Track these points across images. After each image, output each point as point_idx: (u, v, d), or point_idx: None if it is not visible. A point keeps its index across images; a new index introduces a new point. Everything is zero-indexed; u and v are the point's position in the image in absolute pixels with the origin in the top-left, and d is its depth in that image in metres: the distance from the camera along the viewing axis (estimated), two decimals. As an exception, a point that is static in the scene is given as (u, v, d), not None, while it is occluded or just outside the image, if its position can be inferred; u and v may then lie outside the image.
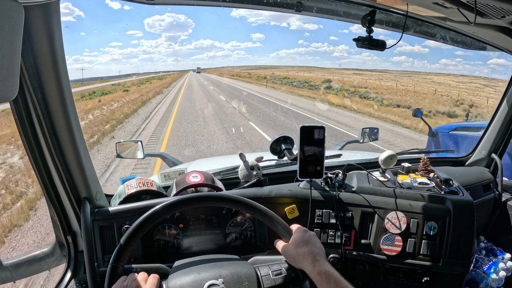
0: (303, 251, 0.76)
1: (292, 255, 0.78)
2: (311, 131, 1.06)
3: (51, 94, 0.90)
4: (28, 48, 0.82)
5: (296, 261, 0.77)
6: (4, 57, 0.56)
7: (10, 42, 0.57)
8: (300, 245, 0.78)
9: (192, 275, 0.74)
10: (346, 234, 1.12)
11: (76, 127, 0.99)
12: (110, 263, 0.74)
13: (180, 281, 0.73)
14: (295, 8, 1.15)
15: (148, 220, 0.77)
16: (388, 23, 1.22)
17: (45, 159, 1.00)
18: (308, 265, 0.74)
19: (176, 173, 1.26)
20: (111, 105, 17.73)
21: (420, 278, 1.13)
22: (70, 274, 1.10)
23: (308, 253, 0.76)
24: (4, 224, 3.98)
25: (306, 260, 0.75)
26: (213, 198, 0.85)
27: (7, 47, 0.56)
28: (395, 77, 42.61)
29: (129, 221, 1.05)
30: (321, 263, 0.74)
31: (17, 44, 0.60)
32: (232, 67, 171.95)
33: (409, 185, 1.20)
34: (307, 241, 0.79)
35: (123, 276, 0.74)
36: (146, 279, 0.73)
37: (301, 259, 0.76)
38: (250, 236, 1.16)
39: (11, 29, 0.57)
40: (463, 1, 0.85)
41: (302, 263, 0.76)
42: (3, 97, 0.58)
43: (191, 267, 0.78)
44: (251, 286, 0.73)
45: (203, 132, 9.25)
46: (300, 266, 0.77)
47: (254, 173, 1.23)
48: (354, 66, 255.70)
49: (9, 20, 0.56)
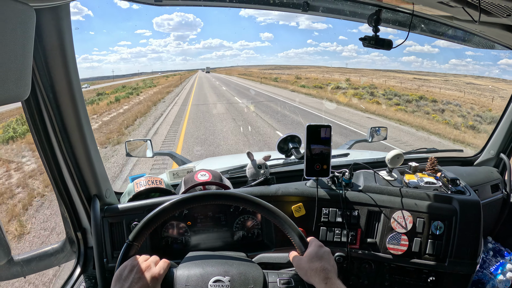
0: (315, 266, 0.76)
1: (304, 269, 0.78)
2: (318, 129, 1.09)
3: (62, 93, 0.95)
4: (40, 49, 0.86)
5: (308, 275, 0.77)
6: (16, 59, 0.59)
7: (22, 45, 0.60)
8: (314, 260, 0.78)
9: (200, 268, 0.78)
10: (352, 233, 1.15)
11: (86, 126, 1.03)
12: (127, 241, 0.77)
13: (188, 271, 0.77)
14: (302, 8, 1.18)
15: (157, 217, 0.80)
16: (394, 22, 1.24)
17: (56, 157, 1.04)
18: (319, 282, 0.74)
19: (184, 171, 1.30)
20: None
21: (425, 277, 1.15)
22: (79, 270, 1.15)
23: (321, 269, 0.75)
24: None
25: (318, 276, 0.75)
26: (224, 196, 0.86)
27: (19, 49, 0.59)
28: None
29: (138, 218, 1.09)
30: (332, 281, 0.74)
31: (29, 46, 0.63)
32: (245, 66, 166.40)
33: (416, 184, 1.23)
34: (321, 256, 0.79)
35: (136, 255, 0.78)
36: (157, 262, 0.77)
37: (313, 274, 0.76)
38: (257, 234, 1.19)
39: (23, 32, 0.60)
40: (468, 0, 0.87)
41: (313, 279, 0.76)
42: (16, 97, 0.61)
43: (201, 260, 0.82)
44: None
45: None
46: (311, 281, 0.77)
47: (261, 172, 1.27)
48: (362, 66, 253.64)
49: (21, 24, 0.59)
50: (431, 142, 9.90)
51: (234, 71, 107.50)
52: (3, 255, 0.98)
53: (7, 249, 0.94)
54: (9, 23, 0.56)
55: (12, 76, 0.59)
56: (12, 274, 1.11)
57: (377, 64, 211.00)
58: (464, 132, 12.29)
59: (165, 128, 10.87)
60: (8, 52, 0.57)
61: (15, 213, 4.48)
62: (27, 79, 0.64)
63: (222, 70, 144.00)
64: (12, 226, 4.07)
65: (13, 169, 6.47)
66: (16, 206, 4.73)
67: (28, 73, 0.64)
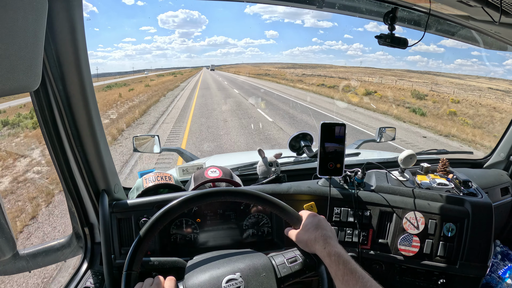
0: (314, 235, 0.79)
1: (304, 240, 0.82)
2: (332, 128, 1.10)
3: (73, 85, 0.94)
4: (51, 39, 0.85)
5: (309, 245, 0.81)
6: (27, 47, 0.58)
7: (34, 33, 0.59)
8: (311, 230, 0.81)
9: (208, 272, 0.77)
10: (364, 233, 1.16)
11: (96, 119, 1.02)
12: (124, 271, 0.75)
13: (197, 279, 0.76)
14: (317, 5, 1.19)
15: (165, 216, 0.80)
16: (410, 21, 1.25)
17: (65, 150, 1.04)
18: (319, 248, 0.77)
19: (194, 167, 1.31)
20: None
21: (436, 280, 1.16)
22: (86, 265, 1.15)
23: (319, 237, 0.78)
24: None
25: (317, 243, 0.78)
26: (220, 193, 0.86)
27: (30, 37, 0.58)
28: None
29: (147, 214, 1.09)
30: (331, 245, 0.76)
31: (40, 34, 0.61)
32: (254, 64, 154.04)
33: (428, 185, 1.24)
34: (317, 225, 0.82)
35: (139, 282, 0.75)
36: (162, 283, 0.75)
37: (313, 243, 0.79)
38: (267, 233, 1.20)
39: (35, 20, 0.59)
40: (488, 0, 0.88)
41: (314, 247, 0.79)
42: (25, 87, 0.60)
43: (205, 264, 0.81)
44: (268, 276, 0.77)
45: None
46: (313, 250, 0.80)
47: (272, 169, 1.27)
48: (367, 64, 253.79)
49: (33, 10, 0.58)
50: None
51: (242, 69, 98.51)
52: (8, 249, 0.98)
53: (12, 243, 0.94)
54: (21, 9, 0.56)
55: (23, 65, 0.58)
56: (17, 268, 1.12)
57: (382, 63, 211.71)
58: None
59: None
60: (19, 40, 0.56)
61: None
62: (38, 69, 0.63)
63: (228, 67, 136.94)
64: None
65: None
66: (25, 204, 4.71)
67: (39, 62, 0.63)
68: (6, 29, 0.53)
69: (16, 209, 4.43)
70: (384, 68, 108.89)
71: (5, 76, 0.55)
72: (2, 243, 0.67)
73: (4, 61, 0.55)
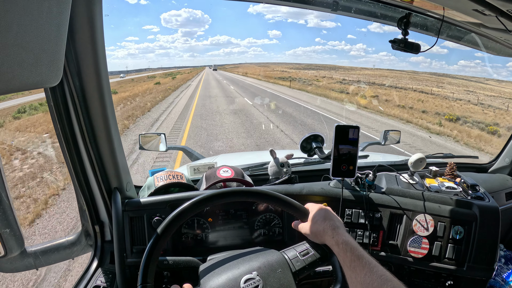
0: (323, 226, 0.83)
1: (313, 232, 0.85)
2: (346, 130, 1.12)
3: (90, 82, 0.94)
4: (69, 34, 0.84)
5: (318, 236, 0.84)
6: (50, 41, 0.57)
7: (57, 26, 0.59)
8: (319, 221, 0.84)
9: (225, 275, 0.78)
10: (374, 235, 1.19)
11: (111, 116, 1.03)
12: (138, 285, 0.75)
13: (214, 283, 0.76)
14: (332, 8, 1.21)
15: (178, 218, 0.81)
16: (422, 26, 1.29)
17: (79, 147, 1.04)
18: (328, 238, 0.80)
19: (205, 166, 1.32)
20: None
21: (444, 281, 1.19)
22: (96, 264, 1.15)
23: (328, 227, 0.81)
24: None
25: (326, 233, 0.81)
26: (225, 194, 0.87)
27: (54, 30, 0.58)
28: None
29: (160, 213, 1.10)
30: (339, 234, 0.79)
31: (63, 28, 0.61)
32: (259, 64, 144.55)
33: (437, 188, 1.27)
34: (324, 216, 0.85)
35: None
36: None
37: (322, 233, 0.82)
38: (278, 233, 1.22)
39: (59, 13, 0.59)
40: (503, 10, 0.92)
41: (323, 237, 0.82)
42: (47, 81, 0.60)
43: (220, 266, 0.81)
44: (284, 271, 0.78)
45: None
46: (323, 241, 0.83)
47: (284, 170, 1.30)
48: (370, 65, 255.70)
49: (57, 4, 0.58)
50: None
51: (250, 70, 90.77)
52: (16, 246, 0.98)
53: (20, 240, 0.94)
54: (46, 1, 0.55)
55: (46, 59, 0.58)
56: (24, 265, 1.11)
57: (385, 64, 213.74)
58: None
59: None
60: (43, 33, 0.55)
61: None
62: (60, 64, 0.63)
63: (232, 67, 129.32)
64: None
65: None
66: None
67: (61, 57, 0.63)
68: (31, 20, 0.52)
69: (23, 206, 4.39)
70: (400, 69, 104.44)
71: (28, 69, 0.55)
72: (10, 240, 0.67)
73: (29, 54, 0.54)
